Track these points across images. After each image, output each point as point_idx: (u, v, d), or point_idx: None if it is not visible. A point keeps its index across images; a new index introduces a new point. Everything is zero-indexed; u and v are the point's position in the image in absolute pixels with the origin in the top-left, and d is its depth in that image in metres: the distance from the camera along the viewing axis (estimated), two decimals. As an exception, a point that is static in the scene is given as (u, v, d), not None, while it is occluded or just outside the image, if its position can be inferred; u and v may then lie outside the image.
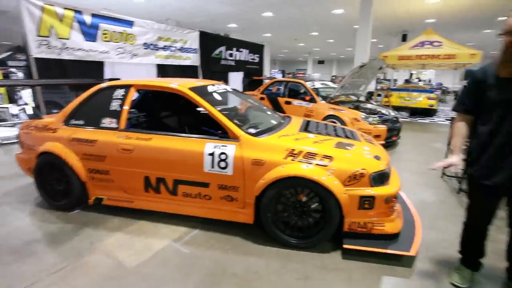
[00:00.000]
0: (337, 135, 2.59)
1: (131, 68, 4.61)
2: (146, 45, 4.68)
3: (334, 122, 5.25)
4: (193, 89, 2.56)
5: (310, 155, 2.13)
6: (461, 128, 1.73)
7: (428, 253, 2.26)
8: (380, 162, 2.18)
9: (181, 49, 5.32)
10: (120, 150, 2.50)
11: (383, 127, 5.03)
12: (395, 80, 22.22)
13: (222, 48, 6.34)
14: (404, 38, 12.84)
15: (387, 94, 9.73)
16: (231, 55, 6.60)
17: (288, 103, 6.16)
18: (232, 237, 2.43)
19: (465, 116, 1.73)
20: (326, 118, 5.38)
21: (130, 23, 4.43)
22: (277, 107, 6.35)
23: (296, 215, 2.23)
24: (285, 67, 32.89)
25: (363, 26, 7.98)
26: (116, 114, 2.59)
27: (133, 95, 2.75)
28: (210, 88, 2.81)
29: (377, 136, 5.00)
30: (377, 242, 2.13)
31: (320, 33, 15.18)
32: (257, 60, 7.70)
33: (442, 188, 3.58)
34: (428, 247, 2.33)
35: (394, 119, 5.43)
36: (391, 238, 2.17)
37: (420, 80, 19.42)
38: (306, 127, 2.71)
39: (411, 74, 21.04)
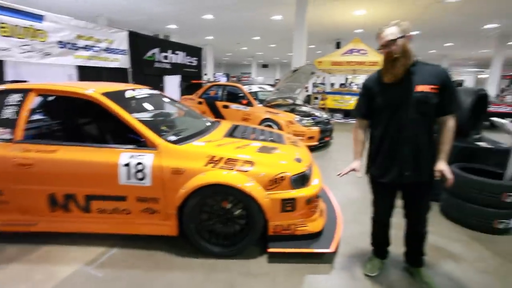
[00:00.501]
0: (262, 139, 2.61)
1: (44, 69, 4.04)
2: (62, 44, 4.16)
3: (270, 125, 5.39)
4: (106, 94, 2.33)
5: (231, 161, 2.10)
6: (359, 134, 1.90)
7: (348, 248, 2.40)
8: (301, 165, 2.24)
9: (107, 50, 4.87)
10: (15, 165, 2.14)
11: (316, 129, 5.32)
12: (333, 84, 23.93)
13: (156, 50, 6.02)
14: (338, 45, 13.85)
15: (323, 97, 10.37)
16: (166, 57, 6.31)
17: (226, 107, 6.12)
18: (155, 252, 2.27)
19: (362, 121, 1.88)
20: (263, 121, 5.48)
21: (39, 17, 3.87)
22: (215, 111, 6.28)
23: (221, 223, 2.18)
24: (230, 71, 33.02)
25: (298, 33, 8.35)
26: (10, 123, 2.22)
27: (35, 101, 2.40)
28: (128, 93, 2.60)
29: (311, 138, 5.27)
30: (301, 242, 2.19)
31: (262, 38, 15.54)
32: (195, 63, 7.51)
33: (366, 184, 3.89)
34: (348, 241, 2.49)
35: (326, 121, 5.78)
36: (314, 237, 2.25)
37: (355, 84, 21.21)
38: (232, 132, 2.68)
39: (347, 78, 22.86)
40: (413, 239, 1.93)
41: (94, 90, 2.32)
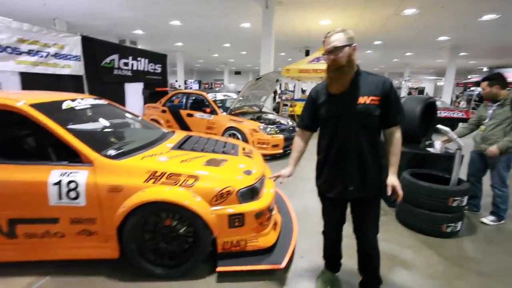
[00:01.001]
0: (213, 151, 2.51)
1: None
2: (1, 48, 3.80)
3: (234, 134, 5.30)
4: (37, 105, 2.11)
5: (174, 176, 1.97)
6: (299, 143, 1.84)
7: (303, 262, 2.34)
8: (250, 177, 2.16)
9: (57, 56, 4.53)
10: None
11: (280, 137, 5.31)
12: (304, 91, 24.46)
13: (115, 57, 5.73)
14: (307, 53, 14.14)
15: (291, 104, 10.51)
16: (126, 64, 6.03)
17: (190, 115, 5.96)
18: (95, 279, 2.07)
19: (304, 132, 1.83)
20: (227, 129, 5.38)
21: (-31, 18, 3.50)
22: (179, 120, 6.09)
23: (165, 242, 2.03)
24: (203, 77, 32.71)
25: (266, 41, 8.40)
26: None
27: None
28: (66, 104, 2.39)
29: (275, 146, 5.25)
30: (252, 258, 2.10)
31: (232, 45, 15.54)
32: (159, 70, 7.26)
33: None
34: (304, 254, 2.43)
35: (291, 128, 5.80)
36: (266, 252, 2.17)
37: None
38: (181, 144, 2.55)
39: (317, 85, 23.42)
40: (365, 263, 1.82)
41: (24, 101, 2.10)
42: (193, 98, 6.25)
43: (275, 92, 13.46)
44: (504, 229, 3.01)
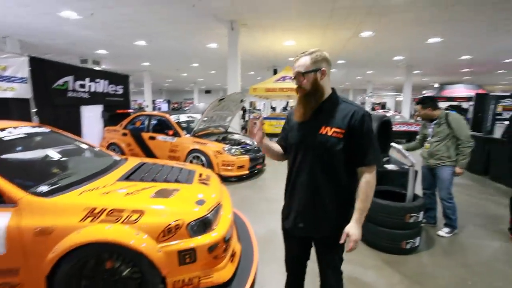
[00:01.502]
0: (165, 180, 2.35)
1: None
2: None
3: (198, 156, 5.14)
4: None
5: (116, 212, 1.79)
6: (277, 147, 1.63)
7: (262, 293, 2.21)
8: (203, 208, 2.03)
9: (-1, 78, 4.17)
10: None
11: (245, 158, 5.22)
12: (274, 108, 24.88)
13: (69, 78, 5.40)
14: (275, 72, 14.49)
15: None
16: (82, 86, 5.70)
17: (152, 138, 5.71)
18: (21, 338, 1.76)
19: (281, 147, 1.63)
20: (190, 152, 5.21)
21: None
22: (141, 143, 5.81)
23: (107, 287, 1.81)
24: (172, 97, 32.26)
25: (232, 61, 8.48)
26: None
27: None
28: (-6, 135, 2.13)
29: (241, 167, 5.15)
30: (206, 296, 1.93)
31: (200, 65, 15.55)
32: (120, 91, 6.97)
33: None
34: (264, 284, 2.30)
35: (256, 148, 5.75)
36: (224, 287, 2.01)
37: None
38: (131, 174, 2.37)
39: (287, 102, 24.02)
40: None
41: None
42: (156, 120, 6.02)
43: (244, 111, 13.51)
44: (457, 240, 3.12)
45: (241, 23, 7.97)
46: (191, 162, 5.25)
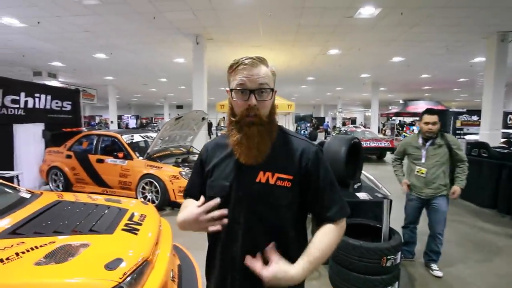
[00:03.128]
0: (75, 230, 1.76)
1: None
2: None
3: (152, 182, 4.52)
4: None
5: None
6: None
7: None
8: (114, 273, 1.45)
9: None
10: None
11: (206, 182, 4.67)
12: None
13: (-5, 92, 4.62)
14: (246, 88, 14.27)
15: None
16: (15, 101, 4.91)
17: (100, 161, 4.99)
18: None
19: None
20: (143, 177, 4.57)
21: None
22: (87, 167, 5.07)
23: None
24: (142, 112, 31.01)
25: (198, 76, 8.07)
26: None
27: None
28: None
29: (201, 193, 4.58)
30: None
31: (169, 80, 14.96)
32: (68, 108, 6.19)
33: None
34: None
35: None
36: None
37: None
38: (26, 223, 1.75)
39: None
40: None
41: None
42: (106, 140, 5.31)
43: (210, 125, 13.04)
44: (441, 279, 2.76)
45: (206, 38, 7.65)
46: (143, 188, 4.60)
